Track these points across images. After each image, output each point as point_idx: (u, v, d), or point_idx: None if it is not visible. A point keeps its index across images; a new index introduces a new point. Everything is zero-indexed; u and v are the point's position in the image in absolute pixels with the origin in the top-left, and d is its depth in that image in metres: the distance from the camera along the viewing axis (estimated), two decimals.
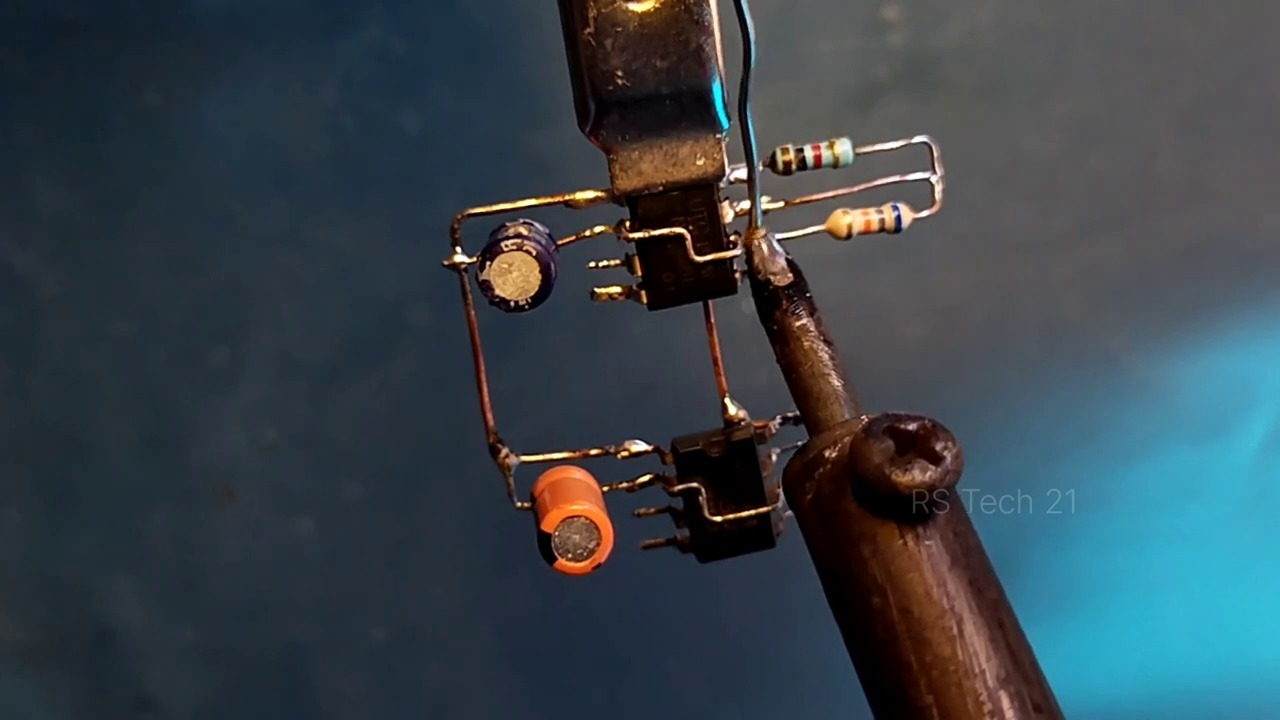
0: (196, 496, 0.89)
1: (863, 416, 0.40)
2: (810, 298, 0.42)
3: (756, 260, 0.42)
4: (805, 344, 0.41)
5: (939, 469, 0.36)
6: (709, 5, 0.40)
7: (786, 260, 0.42)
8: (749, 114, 0.40)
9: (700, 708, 0.93)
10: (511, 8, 0.87)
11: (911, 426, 0.37)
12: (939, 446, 0.36)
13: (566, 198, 0.42)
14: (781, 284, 0.41)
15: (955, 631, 0.36)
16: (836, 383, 0.41)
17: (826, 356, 0.41)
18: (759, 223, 0.42)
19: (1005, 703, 0.35)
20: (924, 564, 0.37)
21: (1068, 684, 0.40)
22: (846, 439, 0.38)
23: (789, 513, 0.44)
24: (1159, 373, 0.91)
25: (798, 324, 0.41)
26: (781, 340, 0.41)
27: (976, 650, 0.36)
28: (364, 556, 0.91)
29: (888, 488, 0.36)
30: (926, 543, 0.37)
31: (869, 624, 0.37)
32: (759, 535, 0.44)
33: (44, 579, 0.89)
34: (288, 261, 0.88)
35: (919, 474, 0.36)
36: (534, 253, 0.40)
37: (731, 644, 0.92)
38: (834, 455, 0.39)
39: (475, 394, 0.43)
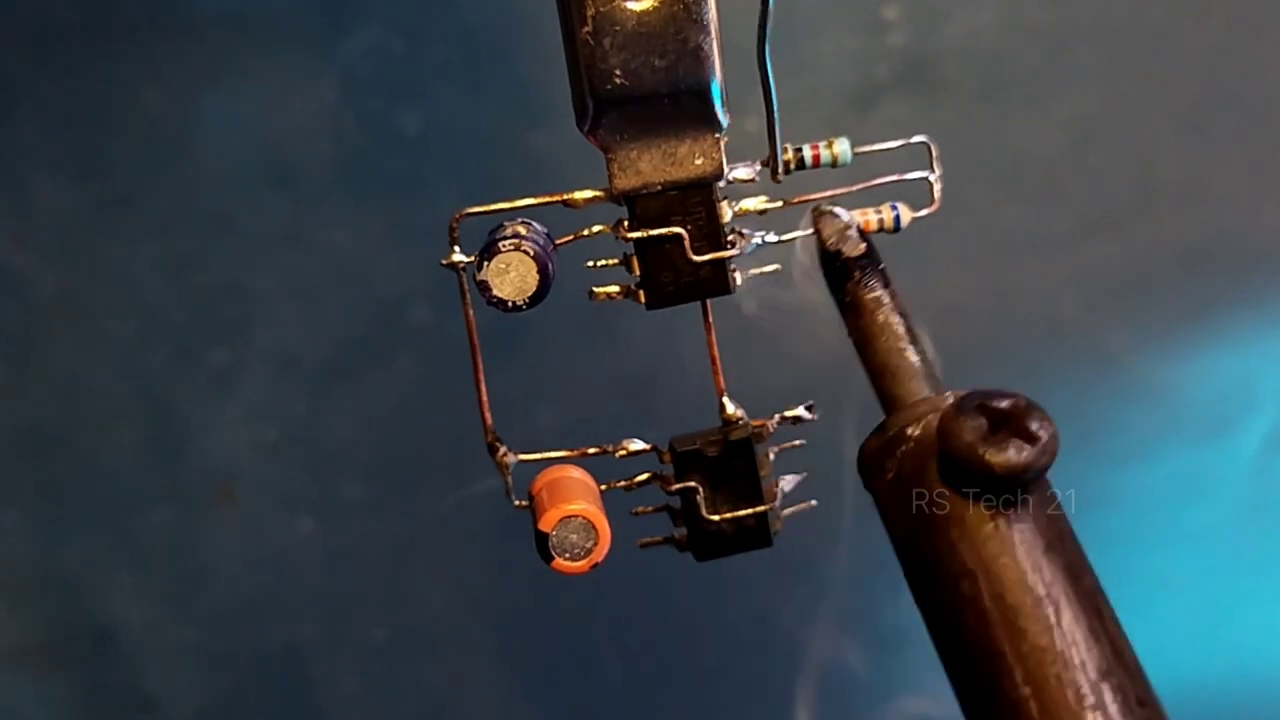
0: (196, 496, 0.89)
1: (948, 393, 0.38)
2: (884, 269, 0.40)
3: (826, 231, 0.41)
4: (880, 317, 0.39)
5: (1035, 448, 0.35)
6: (708, 3, 0.40)
7: (858, 230, 0.41)
8: (768, 57, 0.40)
9: (699, 707, 0.93)
10: (511, 8, 0.87)
11: (1004, 404, 0.35)
12: (1034, 425, 0.35)
13: (565, 197, 0.42)
14: (853, 255, 0.40)
15: (1053, 620, 0.34)
16: (914, 358, 0.39)
17: (903, 330, 0.39)
18: (779, 172, 0.42)
19: (1108, 697, 0.34)
20: (1018, 548, 0.35)
21: None
22: (931, 416, 0.37)
23: (786, 511, 0.44)
24: (1159, 373, 0.91)
25: (871, 296, 0.39)
26: (854, 313, 0.40)
27: (1076, 640, 0.34)
28: (364, 556, 0.91)
29: (981, 467, 0.34)
30: (1019, 526, 0.35)
31: (957, 611, 0.35)
32: (757, 534, 0.44)
33: (44, 579, 0.89)
34: (288, 261, 0.88)
35: (1015, 454, 0.34)
36: (531, 253, 0.40)
37: (731, 643, 0.92)
38: (917, 433, 0.37)
39: (474, 393, 0.43)
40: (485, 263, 0.41)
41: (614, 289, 0.43)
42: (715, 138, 0.41)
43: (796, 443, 0.44)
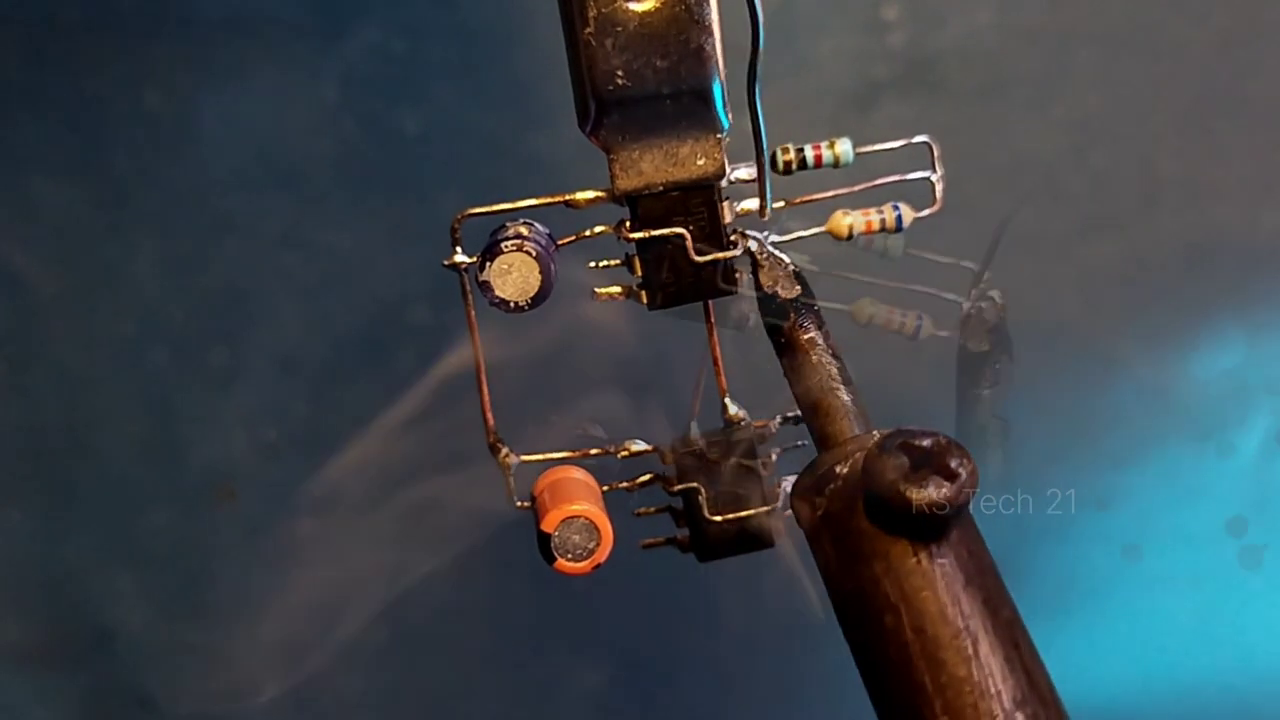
0: (196, 496, 0.89)
1: (874, 432, 0.39)
2: (818, 310, 0.41)
3: (763, 273, 0.42)
4: (814, 357, 0.40)
5: (954, 485, 0.36)
6: (709, 5, 0.40)
7: (793, 271, 0.42)
8: (758, 99, 0.40)
9: (700, 708, 0.93)
10: (511, 8, 0.87)
11: (925, 443, 0.36)
12: (953, 463, 0.36)
13: (567, 198, 0.42)
14: (788, 296, 0.41)
15: (970, 652, 0.35)
16: (845, 397, 0.40)
17: (835, 370, 0.40)
18: (768, 210, 0.42)
19: None
20: (938, 583, 0.36)
21: (1067, 684, 0.40)
22: (858, 455, 0.38)
23: (788, 512, 0.44)
24: (1159, 373, 0.91)
25: (806, 337, 0.41)
26: (789, 353, 0.41)
27: (992, 671, 0.35)
28: (364, 557, 0.91)
29: (903, 504, 0.36)
30: (940, 561, 0.36)
31: (882, 644, 0.36)
32: (758, 535, 0.44)
33: (44, 579, 0.89)
34: (288, 261, 0.88)
35: (934, 491, 0.35)
36: (533, 253, 0.40)
37: (731, 644, 0.92)
38: (845, 471, 0.38)
39: (476, 394, 0.43)
40: (487, 263, 0.41)
41: (616, 289, 0.43)
42: (717, 138, 0.41)
43: (799, 443, 0.44)
